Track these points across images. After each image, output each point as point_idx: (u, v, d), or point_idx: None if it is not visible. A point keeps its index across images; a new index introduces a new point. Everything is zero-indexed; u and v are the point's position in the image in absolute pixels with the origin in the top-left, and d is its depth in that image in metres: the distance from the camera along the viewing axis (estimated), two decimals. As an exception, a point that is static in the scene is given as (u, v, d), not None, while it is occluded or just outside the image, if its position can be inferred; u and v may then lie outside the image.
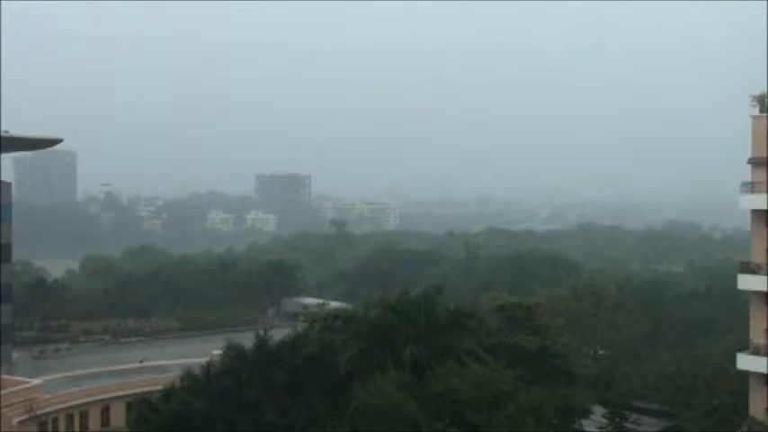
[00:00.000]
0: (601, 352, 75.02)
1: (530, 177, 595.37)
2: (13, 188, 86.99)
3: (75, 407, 68.05)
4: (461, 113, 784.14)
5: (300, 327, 55.82)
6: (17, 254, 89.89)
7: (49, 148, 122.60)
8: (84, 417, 68.76)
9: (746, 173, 50.79)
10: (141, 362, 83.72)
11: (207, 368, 51.42)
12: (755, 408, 50.35)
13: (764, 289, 49.82)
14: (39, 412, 62.45)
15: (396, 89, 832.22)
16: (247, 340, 52.54)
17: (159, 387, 55.64)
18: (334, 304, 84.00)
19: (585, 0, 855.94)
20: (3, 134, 79.70)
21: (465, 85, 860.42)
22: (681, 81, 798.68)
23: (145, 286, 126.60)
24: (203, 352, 69.75)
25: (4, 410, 60.82)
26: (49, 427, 64.61)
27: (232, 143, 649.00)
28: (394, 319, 50.23)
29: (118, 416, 69.82)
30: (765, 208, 50.03)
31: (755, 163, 50.43)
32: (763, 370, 49.56)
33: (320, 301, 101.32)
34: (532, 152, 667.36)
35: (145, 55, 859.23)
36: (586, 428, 55.13)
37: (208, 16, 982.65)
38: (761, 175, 50.02)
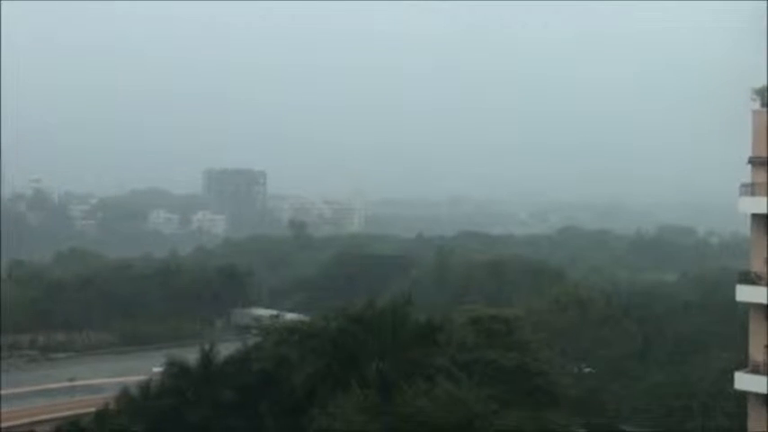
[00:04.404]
0: (586, 370, 75.61)
1: (508, 175, 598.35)
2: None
3: (-4, 431, 67.16)
4: (434, 101, 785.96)
5: (252, 341, 55.62)
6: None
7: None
8: (6, 442, 67.89)
9: (746, 173, 51.28)
10: (72, 380, 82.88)
11: (146, 387, 51.04)
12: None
13: (765, 301, 50.40)
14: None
15: (365, 74, 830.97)
16: (192, 356, 52.23)
17: (92, 409, 55.13)
18: (290, 316, 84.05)
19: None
20: None
21: (441, 73, 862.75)
22: (676, 70, 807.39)
23: (77, 294, 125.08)
24: (142, 369, 69.19)
25: None
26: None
27: (176, 134, 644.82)
28: (357, 333, 50.22)
29: (45, 441, 68.92)
30: (766, 212, 50.60)
31: (756, 162, 50.95)
32: (762, 390, 50.12)
33: (275, 312, 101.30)
34: (512, 148, 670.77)
35: (76, 31, 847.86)
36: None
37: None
38: (762, 176, 50.54)
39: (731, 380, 51.96)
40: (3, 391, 76.83)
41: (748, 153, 51.49)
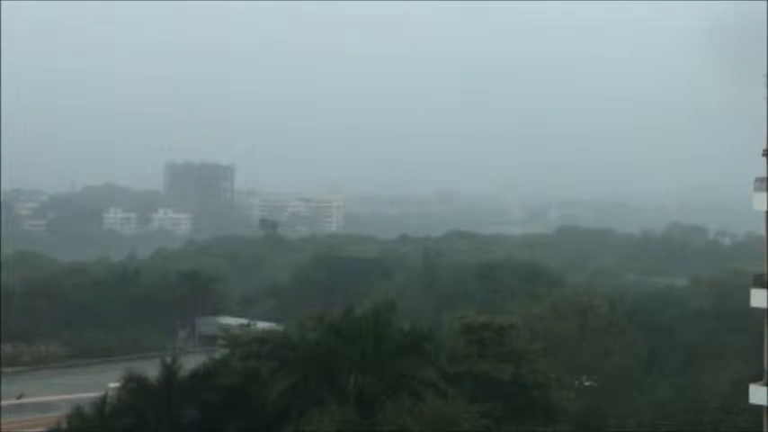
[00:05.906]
0: (587, 382, 75.94)
1: (502, 170, 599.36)
2: None
3: (-66, 454, 66.91)
4: (425, 90, 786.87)
5: (219, 353, 55.62)
6: None
7: None
8: (-54, 466, 67.63)
9: (761, 167, 51.55)
10: (19, 398, 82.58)
11: (101, 405, 50.82)
12: (770, 449, 51.26)
13: (781, 307, 50.66)
14: None
15: (350, 62, 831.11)
16: (152, 370, 52.10)
17: (41, 429, 55.01)
18: (261, 325, 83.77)
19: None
20: None
21: (436, 60, 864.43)
22: (687, 58, 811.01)
23: (25, 302, 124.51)
24: (97, 385, 69.01)
25: None
26: None
27: (135, 123, 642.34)
28: (336, 343, 50.29)
29: (-11, 465, 68.84)
30: (783, 209, 50.86)
31: (772, 155, 51.22)
32: (779, 404, 50.43)
33: (244, 320, 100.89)
34: (505, 140, 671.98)
35: (30, 17, 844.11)
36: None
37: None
38: (778, 170, 50.81)
39: (745, 393, 52.34)
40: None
41: (762, 145, 51.81)
